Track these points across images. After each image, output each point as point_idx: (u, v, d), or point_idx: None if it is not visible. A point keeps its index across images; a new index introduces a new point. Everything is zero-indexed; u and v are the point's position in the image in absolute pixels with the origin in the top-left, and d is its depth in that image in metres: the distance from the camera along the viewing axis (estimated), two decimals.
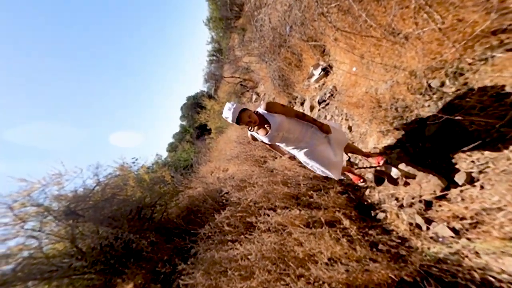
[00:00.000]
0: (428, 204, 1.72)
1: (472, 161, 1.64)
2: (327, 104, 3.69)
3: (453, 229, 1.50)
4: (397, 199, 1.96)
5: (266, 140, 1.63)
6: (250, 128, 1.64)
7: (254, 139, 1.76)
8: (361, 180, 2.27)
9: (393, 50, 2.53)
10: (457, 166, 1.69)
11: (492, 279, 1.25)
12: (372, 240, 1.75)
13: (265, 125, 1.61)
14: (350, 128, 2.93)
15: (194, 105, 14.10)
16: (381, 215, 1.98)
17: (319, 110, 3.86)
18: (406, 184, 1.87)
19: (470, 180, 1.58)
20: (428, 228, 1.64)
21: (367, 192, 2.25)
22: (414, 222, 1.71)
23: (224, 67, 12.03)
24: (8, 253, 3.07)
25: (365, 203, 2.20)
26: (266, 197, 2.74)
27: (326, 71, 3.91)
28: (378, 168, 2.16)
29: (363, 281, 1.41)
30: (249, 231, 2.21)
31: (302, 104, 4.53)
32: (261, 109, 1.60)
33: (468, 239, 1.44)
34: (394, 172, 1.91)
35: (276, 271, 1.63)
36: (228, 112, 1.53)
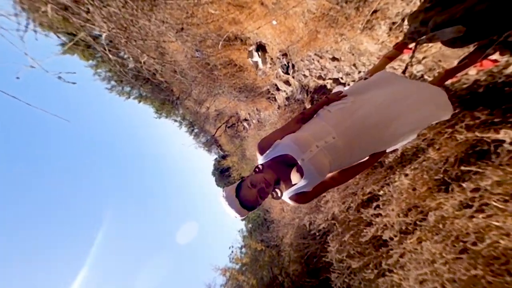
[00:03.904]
0: None
1: None
2: (293, 66, 3.10)
3: None
4: None
5: (316, 178, 0.88)
6: (275, 194, 0.92)
7: (304, 197, 0.94)
8: (495, 57, 1.20)
9: None
10: None
11: None
12: None
13: (289, 169, 0.92)
14: (334, 59, 2.28)
15: (221, 173, 14.05)
16: None
17: (293, 77, 3.26)
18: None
19: None
20: None
21: (455, 79, 1.32)
22: None
23: (206, 128, 11.99)
24: None
25: (478, 91, 1.28)
26: (348, 193, 2.09)
27: (261, 48, 3.39)
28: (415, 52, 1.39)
29: None
30: (382, 250, 1.54)
31: (278, 89, 3.97)
32: (260, 159, 0.98)
33: None
34: (450, 31, 1.09)
35: None
36: (228, 209, 0.89)
